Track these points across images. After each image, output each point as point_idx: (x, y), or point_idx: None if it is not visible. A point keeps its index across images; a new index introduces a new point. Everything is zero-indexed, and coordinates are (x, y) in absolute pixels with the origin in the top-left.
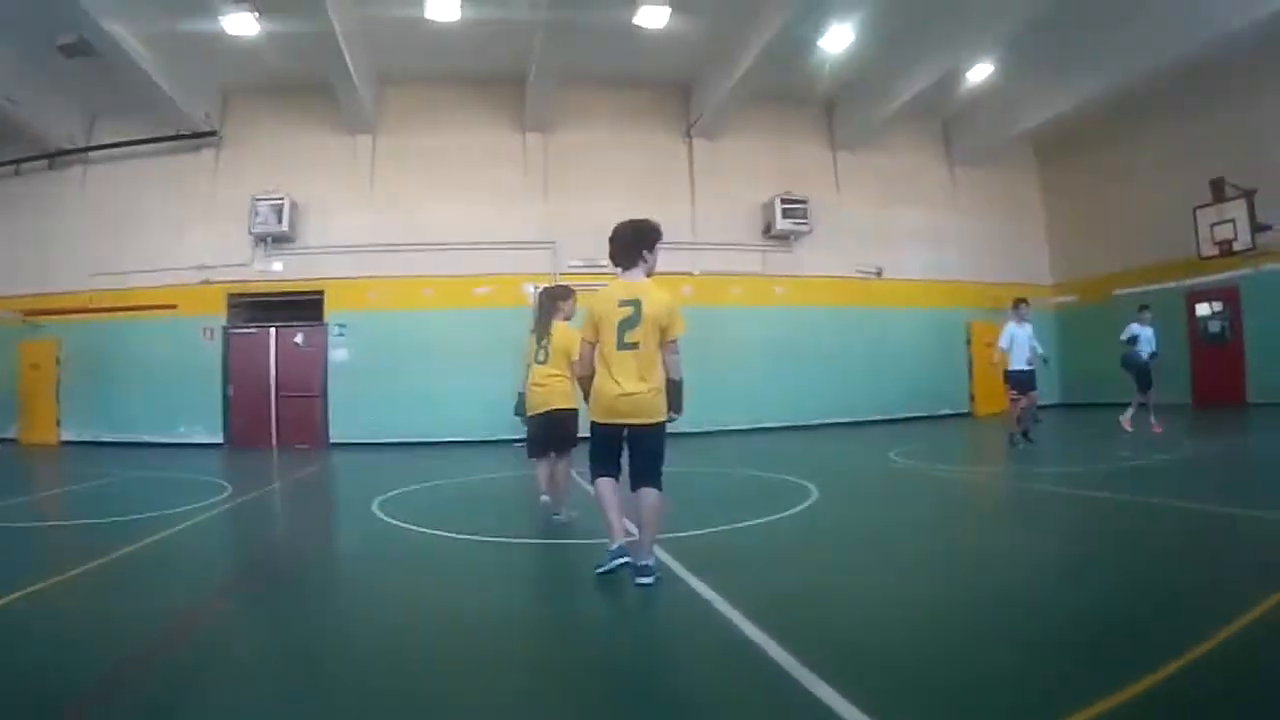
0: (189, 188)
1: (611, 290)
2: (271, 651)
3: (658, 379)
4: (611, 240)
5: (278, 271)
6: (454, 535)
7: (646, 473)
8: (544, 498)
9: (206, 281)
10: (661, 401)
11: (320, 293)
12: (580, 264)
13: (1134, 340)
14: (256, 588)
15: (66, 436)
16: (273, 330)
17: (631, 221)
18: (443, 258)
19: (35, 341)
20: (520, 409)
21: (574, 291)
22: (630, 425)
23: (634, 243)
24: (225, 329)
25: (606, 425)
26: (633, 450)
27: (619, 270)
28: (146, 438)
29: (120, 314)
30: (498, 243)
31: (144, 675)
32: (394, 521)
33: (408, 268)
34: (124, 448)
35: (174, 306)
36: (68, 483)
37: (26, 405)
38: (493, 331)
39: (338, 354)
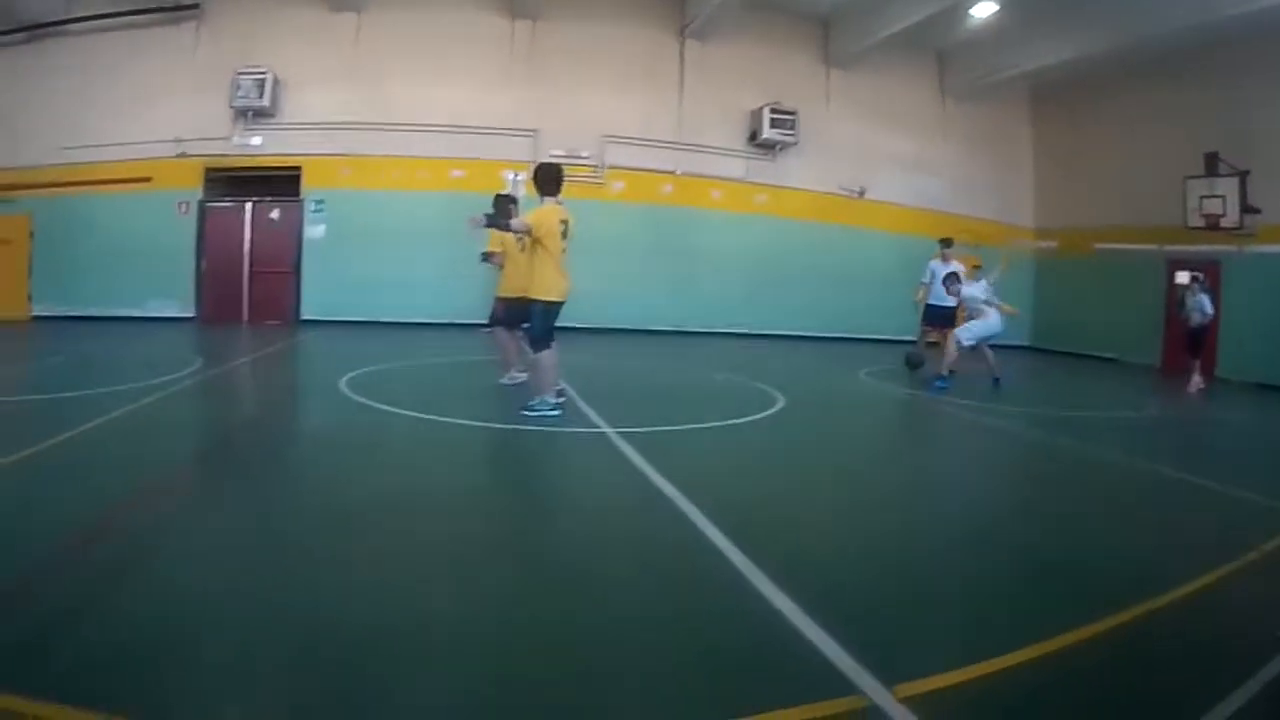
0: (168, 60)
1: (553, 211)
2: (229, 527)
3: None
4: (539, 175)
5: (257, 146)
6: (421, 415)
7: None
8: (518, 376)
9: (183, 155)
10: None
11: (298, 169)
12: (562, 153)
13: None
14: (219, 463)
15: (38, 312)
16: (249, 205)
17: (555, 164)
18: (422, 139)
19: (7, 217)
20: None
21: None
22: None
23: (558, 179)
24: (201, 203)
25: (560, 303)
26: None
27: (543, 197)
28: (119, 312)
29: (94, 187)
30: (479, 128)
31: (87, 556)
32: (362, 400)
33: (387, 147)
34: (96, 322)
35: (149, 179)
36: (35, 357)
37: None
38: (466, 216)
39: (313, 231)
